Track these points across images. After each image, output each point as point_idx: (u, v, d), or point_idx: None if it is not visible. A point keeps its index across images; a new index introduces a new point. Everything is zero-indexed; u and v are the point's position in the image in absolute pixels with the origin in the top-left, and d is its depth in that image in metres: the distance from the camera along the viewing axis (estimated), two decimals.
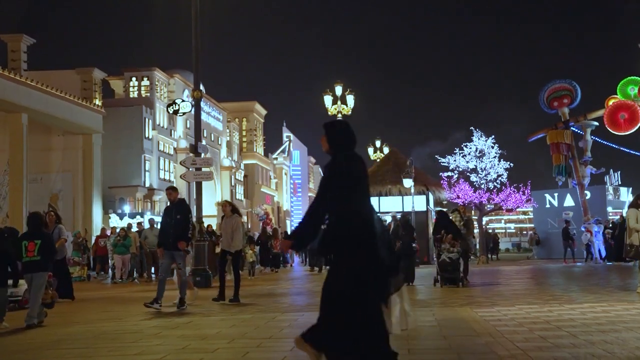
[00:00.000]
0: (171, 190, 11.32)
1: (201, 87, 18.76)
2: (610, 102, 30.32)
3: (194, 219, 14.87)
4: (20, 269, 9.21)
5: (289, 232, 21.16)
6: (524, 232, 63.93)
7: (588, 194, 31.36)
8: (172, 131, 41.22)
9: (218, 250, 15.53)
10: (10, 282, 9.23)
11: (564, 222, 27.51)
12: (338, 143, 5.06)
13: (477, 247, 28.88)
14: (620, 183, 34.45)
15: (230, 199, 48.15)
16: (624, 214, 15.42)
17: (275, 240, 26.22)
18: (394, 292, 4.78)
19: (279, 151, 64.75)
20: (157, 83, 39.46)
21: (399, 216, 23.17)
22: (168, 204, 11.41)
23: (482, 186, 26.73)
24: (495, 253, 35.57)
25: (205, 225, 19.06)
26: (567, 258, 25.75)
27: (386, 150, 37.97)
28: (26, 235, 9.19)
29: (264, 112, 60.55)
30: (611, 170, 34.22)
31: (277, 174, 63.96)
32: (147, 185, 37.56)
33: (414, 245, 15.71)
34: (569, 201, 32.21)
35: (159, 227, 13.95)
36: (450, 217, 15.11)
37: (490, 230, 38.35)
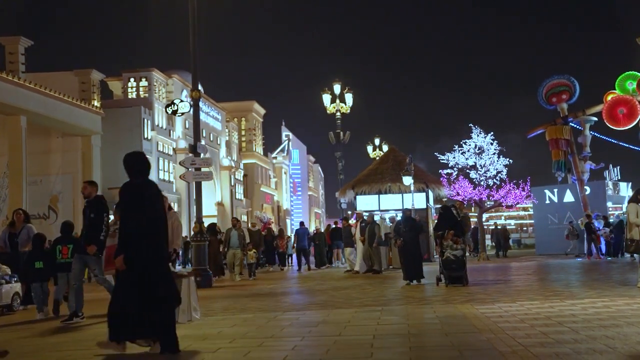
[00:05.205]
0: (87, 184, 9.84)
1: (199, 87, 18.72)
2: (609, 97, 30.30)
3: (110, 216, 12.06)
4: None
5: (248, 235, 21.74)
6: (524, 229, 63.95)
7: (588, 190, 31.32)
8: (171, 131, 41.17)
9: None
10: None
11: (586, 218, 27.13)
12: (133, 171, 6.27)
13: (479, 243, 28.85)
14: (619, 178, 34.42)
15: (230, 199, 48.22)
16: (624, 209, 15.37)
17: (280, 240, 27.35)
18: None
19: (278, 150, 64.76)
20: (155, 84, 39.38)
21: (397, 215, 23.19)
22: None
23: (482, 183, 26.67)
24: (504, 249, 33.18)
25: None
26: (594, 254, 24.98)
27: (385, 148, 37.94)
28: (59, 241, 10.55)
29: (262, 111, 60.51)
30: (610, 165, 34.19)
31: (276, 173, 63.96)
32: None
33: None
34: (568, 197, 32.12)
35: None
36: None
37: (499, 227, 37.09)
